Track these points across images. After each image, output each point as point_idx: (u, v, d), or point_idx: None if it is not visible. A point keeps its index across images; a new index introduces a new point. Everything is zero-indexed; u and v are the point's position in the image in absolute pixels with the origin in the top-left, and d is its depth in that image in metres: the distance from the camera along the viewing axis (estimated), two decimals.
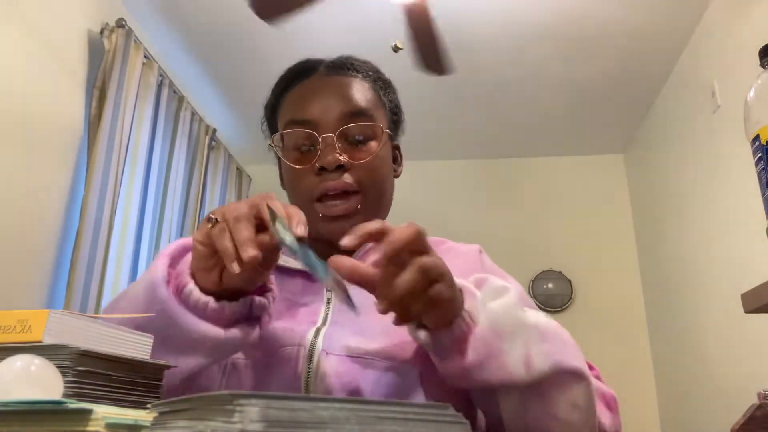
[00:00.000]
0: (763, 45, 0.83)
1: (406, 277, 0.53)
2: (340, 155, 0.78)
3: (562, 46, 2.92)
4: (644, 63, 3.04)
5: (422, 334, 0.60)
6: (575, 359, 0.61)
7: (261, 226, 0.59)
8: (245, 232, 0.56)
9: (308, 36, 2.77)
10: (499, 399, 0.61)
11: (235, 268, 0.55)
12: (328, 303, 0.78)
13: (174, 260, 0.68)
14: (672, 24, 2.75)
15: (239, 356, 0.70)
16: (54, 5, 2.23)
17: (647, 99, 3.38)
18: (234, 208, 0.58)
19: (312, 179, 0.79)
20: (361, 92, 0.85)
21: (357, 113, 0.82)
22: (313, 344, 0.70)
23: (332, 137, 0.79)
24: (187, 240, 0.73)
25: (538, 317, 0.63)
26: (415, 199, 3.34)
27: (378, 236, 0.56)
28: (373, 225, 0.56)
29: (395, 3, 2.21)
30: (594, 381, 0.66)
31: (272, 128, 0.92)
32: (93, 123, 2.34)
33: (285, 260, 0.81)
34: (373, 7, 2.61)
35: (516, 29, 2.80)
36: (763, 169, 0.81)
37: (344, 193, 0.79)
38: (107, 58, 2.40)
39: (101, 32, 2.43)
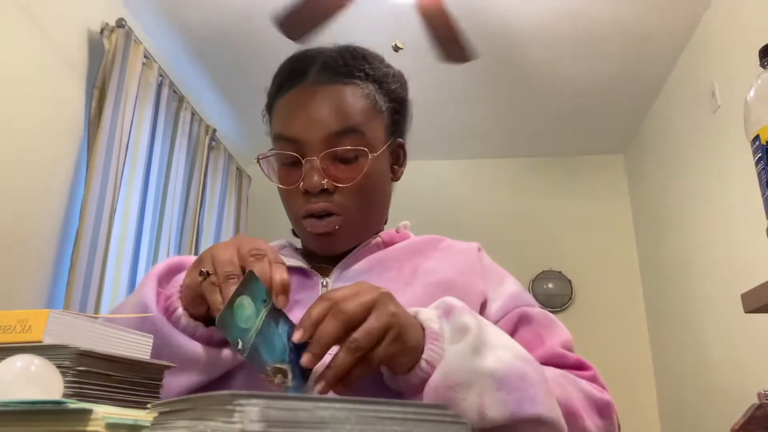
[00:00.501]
0: (763, 45, 0.83)
1: (338, 359, 0.54)
2: (324, 179, 0.77)
3: (562, 47, 2.92)
4: (644, 63, 3.04)
5: (384, 371, 0.61)
6: (539, 404, 0.57)
7: None
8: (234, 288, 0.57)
9: None
10: None
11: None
12: None
13: (161, 281, 0.70)
14: (672, 24, 2.75)
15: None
16: (54, 5, 2.23)
17: (647, 99, 3.38)
18: (224, 262, 0.59)
19: (299, 199, 0.80)
20: (352, 104, 0.80)
21: (345, 131, 0.78)
22: None
23: (315, 160, 0.77)
24: (174, 260, 0.74)
25: (499, 359, 0.58)
26: (414, 198, 3.34)
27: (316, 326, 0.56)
28: (312, 317, 0.56)
29: (400, 2, 2.22)
30: (574, 409, 0.64)
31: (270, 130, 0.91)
32: (93, 123, 2.34)
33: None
34: (374, 7, 2.61)
35: (516, 30, 2.80)
36: (763, 169, 0.81)
37: (327, 213, 0.79)
38: (107, 58, 2.40)
39: (101, 32, 2.43)
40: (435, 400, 0.57)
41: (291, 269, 0.80)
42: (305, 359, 0.54)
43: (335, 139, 0.78)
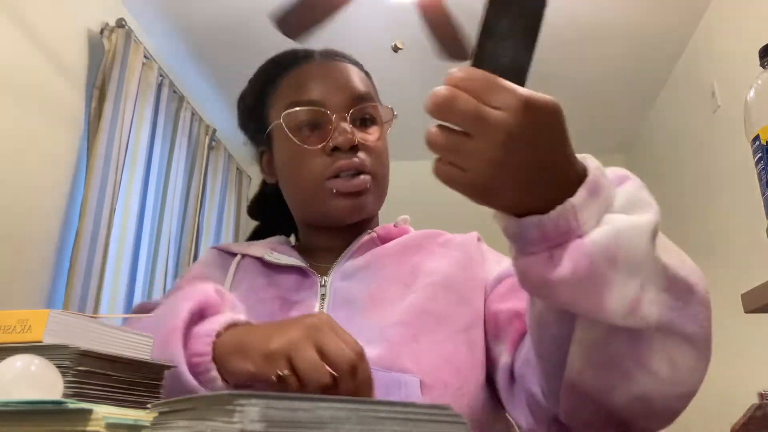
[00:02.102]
0: (763, 45, 0.83)
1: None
2: (353, 135, 0.78)
3: (562, 47, 2.92)
4: (644, 63, 3.04)
5: (503, 219, 0.47)
6: (698, 324, 0.51)
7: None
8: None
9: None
10: (575, 324, 0.49)
11: None
12: (323, 299, 0.76)
13: (186, 331, 0.59)
14: (672, 24, 2.75)
15: None
16: (54, 5, 2.23)
17: (647, 99, 3.38)
18: (309, 368, 0.49)
19: (323, 159, 0.78)
20: (361, 79, 0.85)
21: (364, 97, 0.83)
22: None
23: (346, 116, 0.79)
24: (196, 306, 0.60)
25: (677, 258, 0.49)
26: (414, 198, 3.34)
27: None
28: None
29: (400, 2, 2.23)
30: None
31: (256, 118, 0.89)
32: (93, 123, 2.34)
33: (277, 257, 0.80)
34: (374, 7, 2.61)
35: None
36: (763, 169, 0.81)
37: (357, 172, 0.79)
38: (107, 58, 2.40)
39: (101, 32, 2.43)
40: (582, 268, 0.44)
41: (288, 268, 0.79)
42: None
43: (358, 101, 0.82)
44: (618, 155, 3.95)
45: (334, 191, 0.77)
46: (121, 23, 2.47)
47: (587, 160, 0.49)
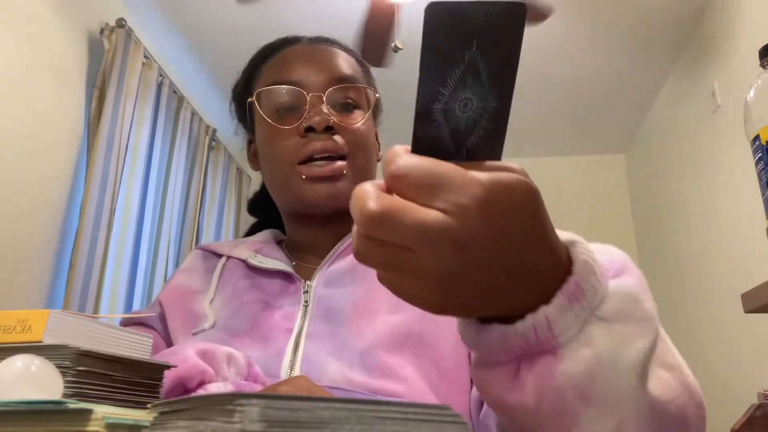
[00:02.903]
0: (763, 45, 0.83)
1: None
2: (329, 116, 0.74)
3: (561, 46, 2.92)
4: (644, 63, 3.04)
5: (461, 325, 0.40)
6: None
7: None
8: None
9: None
10: None
11: None
12: (305, 306, 0.72)
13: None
14: (672, 24, 2.75)
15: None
16: (54, 5, 2.23)
17: (647, 99, 3.38)
18: None
19: (296, 141, 0.75)
20: (347, 62, 0.81)
21: (345, 79, 0.78)
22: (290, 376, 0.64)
23: (321, 96, 0.75)
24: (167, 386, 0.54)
25: (672, 383, 0.41)
26: None
27: None
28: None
29: (401, 2, 2.24)
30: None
31: (243, 105, 0.87)
32: (93, 123, 2.34)
33: (261, 261, 0.77)
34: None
35: None
36: (763, 169, 0.81)
37: (330, 157, 0.74)
38: (107, 57, 2.40)
39: (101, 32, 2.44)
40: (549, 401, 0.36)
41: (272, 272, 0.76)
42: None
43: (338, 83, 0.77)
44: (618, 155, 3.96)
45: (303, 177, 0.73)
46: (121, 23, 2.47)
47: (575, 247, 0.38)
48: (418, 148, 0.35)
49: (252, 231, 0.95)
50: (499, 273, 0.35)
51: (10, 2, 2.01)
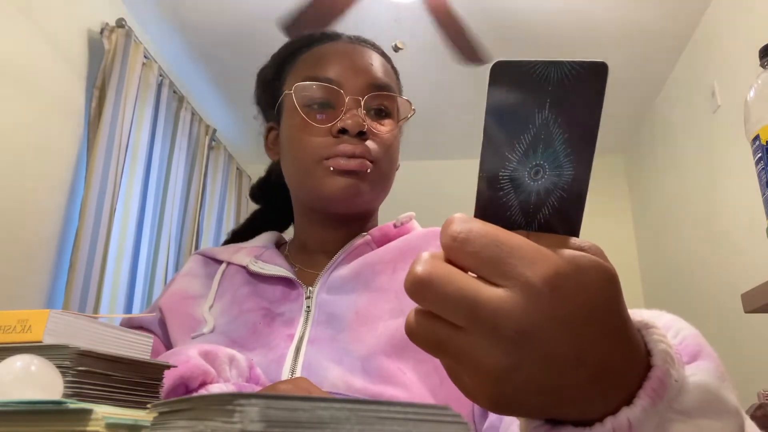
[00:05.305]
0: (763, 45, 0.83)
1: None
2: (364, 121, 0.74)
3: (562, 47, 2.92)
4: (644, 63, 3.04)
5: (523, 423, 0.34)
6: None
7: None
8: None
9: None
10: None
11: None
12: (307, 312, 0.72)
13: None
14: (672, 24, 2.75)
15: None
16: (54, 5, 2.23)
17: (647, 99, 3.38)
18: None
19: (327, 139, 0.74)
20: (384, 68, 0.82)
21: (383, 86, 0.78)
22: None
23: (359, 100, 0.75)
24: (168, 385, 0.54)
25: None
26: (415, 198, 3.34)
27: None
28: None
29: (402, 3, 2.23)
30: None
31: (270, 91, 0.86)
32: (93, 123, 2.34)
33: (262, 267, 0.76)
34: (375, 8, 2.61)
35: (515, 29, 2.80)
36: (763, 169, 0.81)
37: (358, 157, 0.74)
38: (107, 57, 2.40)
39: (101, 32, 2.44)
40: None
41: (274, 279, 0.76)
42: None
43: (376, 88, 0.78)
44: (618, 155, 3.96)
45: (331, 168, 0.73)
46: (121, 23, 2.47)
47: (649, 333, 0.33)
48: (482, 218, 0.31)
49: (253, 218, 0.95)
50: (566, 368, 0.29)
51: (10, 2, 2.01)
